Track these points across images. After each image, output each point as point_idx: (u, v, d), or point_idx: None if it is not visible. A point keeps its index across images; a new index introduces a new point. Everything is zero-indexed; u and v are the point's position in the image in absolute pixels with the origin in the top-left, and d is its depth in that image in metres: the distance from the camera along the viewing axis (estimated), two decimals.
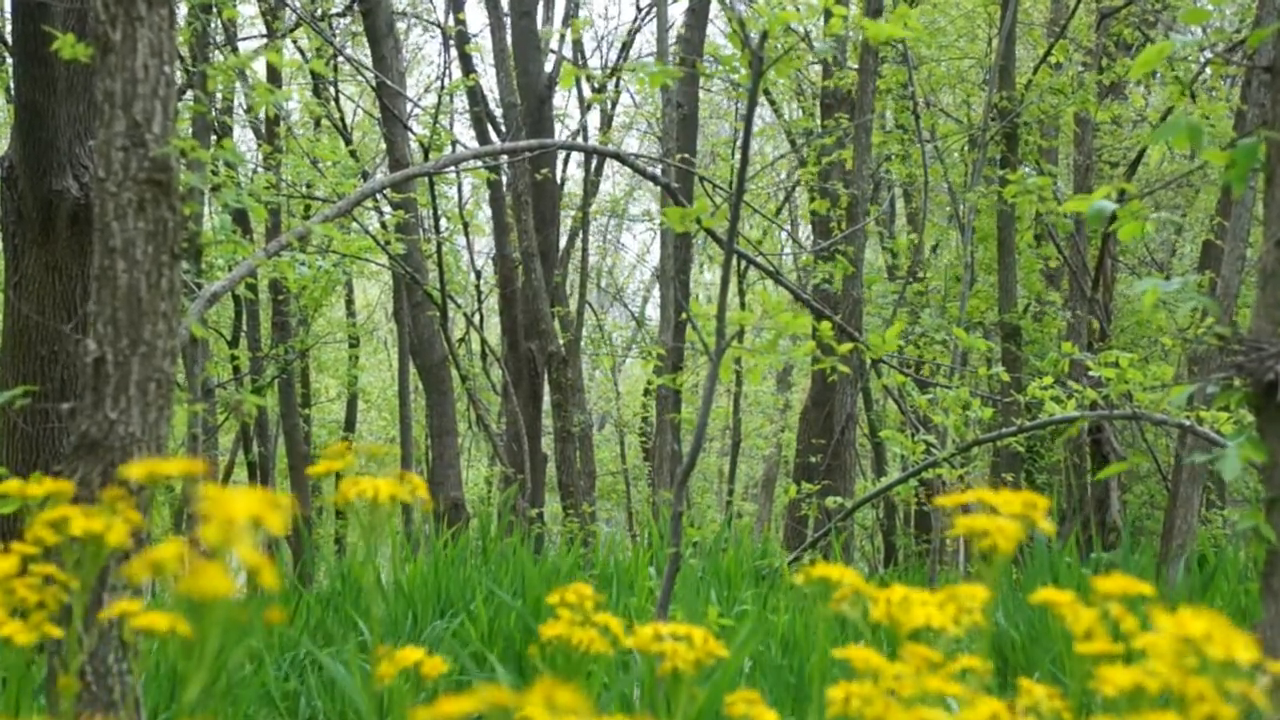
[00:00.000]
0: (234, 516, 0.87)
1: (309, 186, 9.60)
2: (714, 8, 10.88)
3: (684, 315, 8.77)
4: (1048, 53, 9.08)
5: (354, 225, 8.95)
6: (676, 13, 12.32)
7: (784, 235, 14.86)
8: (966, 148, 10.48)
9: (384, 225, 9.45)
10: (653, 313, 19.87)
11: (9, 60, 6.71)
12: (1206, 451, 4.31)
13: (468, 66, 10.68)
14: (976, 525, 1.05)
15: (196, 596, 0.88)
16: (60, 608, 1.13)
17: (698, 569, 4.97)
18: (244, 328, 12.55)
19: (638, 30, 14.33)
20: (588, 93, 14.14)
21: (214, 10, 7.39)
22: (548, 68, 10.99)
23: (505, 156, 8.68)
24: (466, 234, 13.63)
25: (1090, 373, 4.88)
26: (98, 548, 1.07)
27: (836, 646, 1.06)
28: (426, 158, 8.32)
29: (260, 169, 10.92)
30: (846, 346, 3.70)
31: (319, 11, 10.28)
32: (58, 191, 4.08)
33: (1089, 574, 4.12)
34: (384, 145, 10.21)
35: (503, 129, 10.57)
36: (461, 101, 12.81)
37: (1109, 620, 1.02)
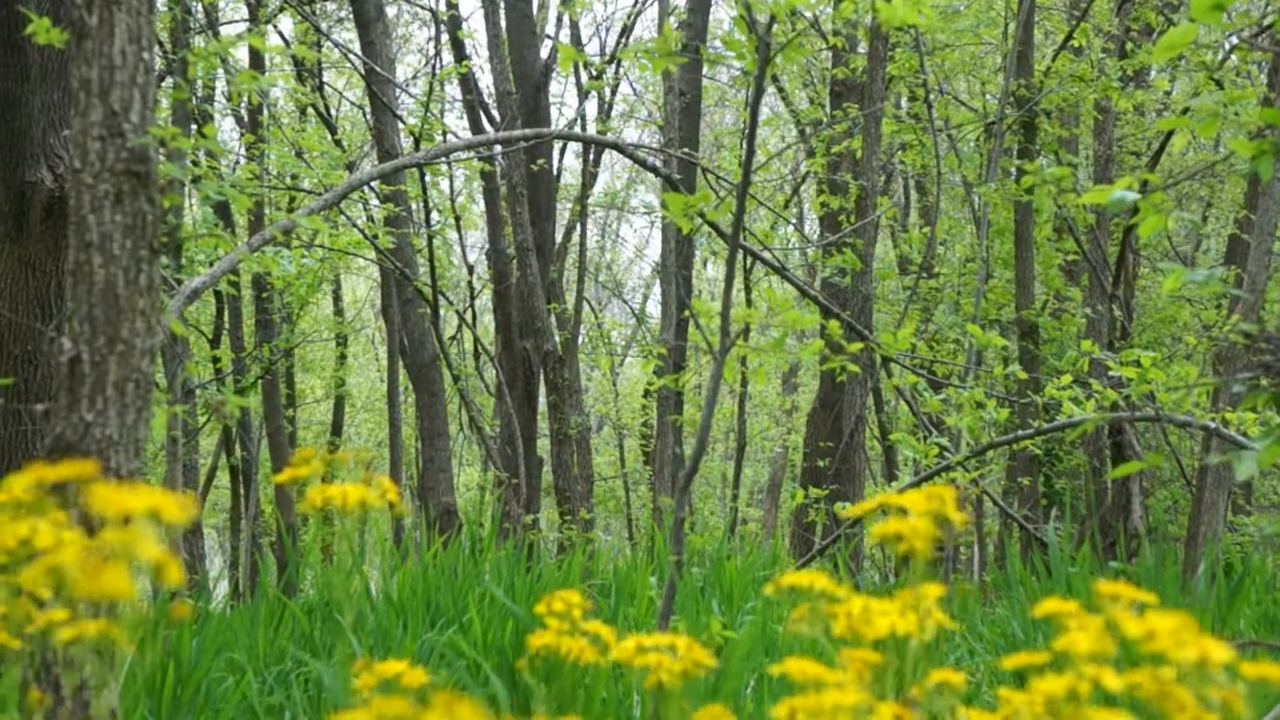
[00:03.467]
0: (131, 512, 0.87)
1: (294, 178, 9.60)
2: None
3: (686, 312, 8.77)
4: (1068, 37, 9.07)
5: (341, 219, 8.95)
6: None
7: (791, 229, 14.87)
8: (982, 138, 10.48)
9: (372, 219, 9.46)
10: (653, 310, 19.88)
11: None
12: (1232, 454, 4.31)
13: (460, 53, 10.68)
14: (889, 530, 1.06)
15: (98, 599, 0.88)
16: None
17: (700, 578, 4.97)
18: (226, 326, 12.56)
19: (638, 14, 14.33)
20: (585, 80, 14.14)
21: None
22: (543, 54, 10.99)
23: (499, 146, 8.67)
24: (459, 228, 13.63)
25: (1111, 372, 4.88)
26: (29, 554, 1.06)
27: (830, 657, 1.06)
28: (417, 148, 8.32)
29: (243, 159, 10.93)
30: (856, 345, 3.70)
31: None
32: (31, 183, 4.08)
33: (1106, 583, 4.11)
34: (372, 135, 10.22)
35: (496, 118, 10.57)
36: (453, 89, 12.81)
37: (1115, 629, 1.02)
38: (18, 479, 1.11)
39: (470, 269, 14.44)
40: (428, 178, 8.84)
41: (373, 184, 8.50)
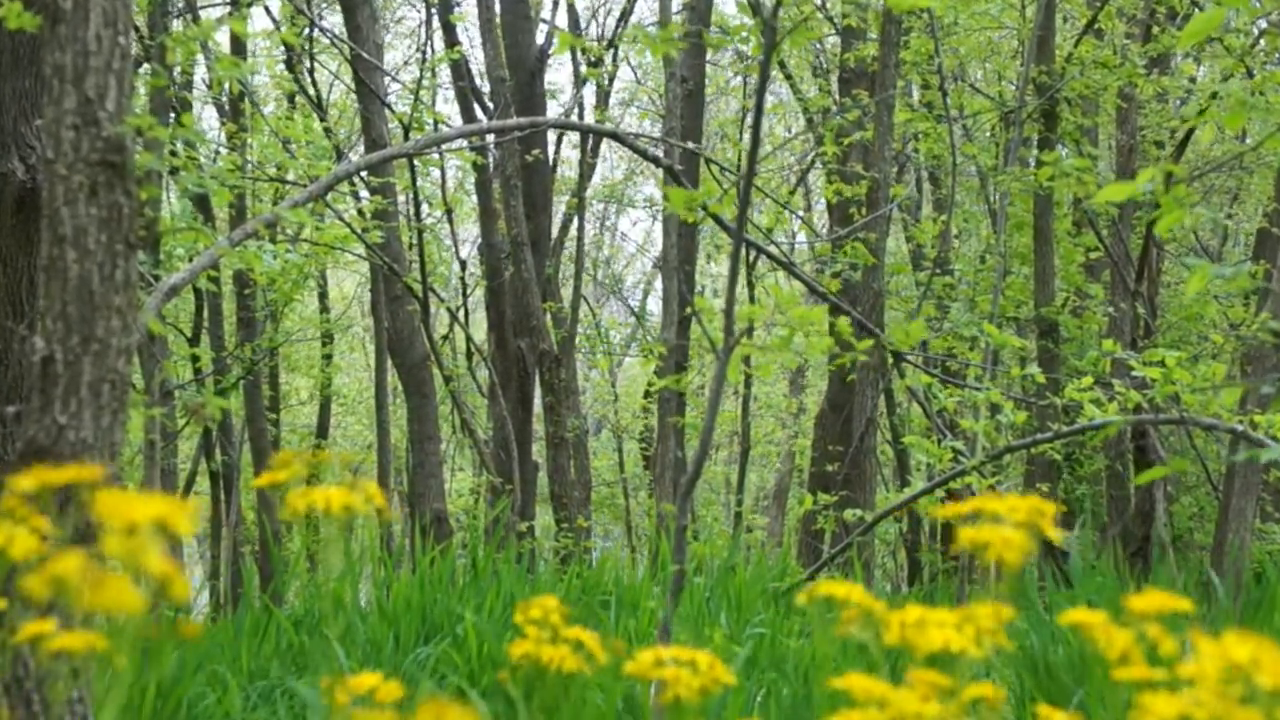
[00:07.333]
0: (135, 521, 0.86)
1: (278, 169, 9.60)
2: None
3: (689, 310, 8.77)
4: (1092, 21, 9.05)
5: (328, 212, 8.95)
6: None
7: (798, 222, 14.87)
8: (999, 127, 10.48)
9: (361, 212, 9.46)
10: (654, 307, 19.88)
11: None
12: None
13: (451, 38, 10.67)
14: (980, 537, 1.06)
15: (101, 613, 0.87)
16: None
17: (705, 588, 4.96)
18: (206, 324, 12.55)
19: None
20: (583, 66, 14.14)
21: None
22: (539, 39, 10.99)
23: (492, 136, 8.67)
24: (450, 221, 13.63)
25: (1134, 373, 4.88)
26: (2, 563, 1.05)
27: (856, 671, 1.06)
28: (407, 137, 8.32)
29: (224, 150, 10.92)
30: (866, 343, 3.70)
31: None
32: (2, 175, 4.07)
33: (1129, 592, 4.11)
34: (360, 124, 10.22)
35: (490, 106, 10.57)
36: (445, 76, 12.81)
37: (1145, 642, 1.01)
38: (17, 481, 1.10)
39: (463, 264, 14.44)
40: (418, 169, 8.84)
41: (361, 175, 8.50)
